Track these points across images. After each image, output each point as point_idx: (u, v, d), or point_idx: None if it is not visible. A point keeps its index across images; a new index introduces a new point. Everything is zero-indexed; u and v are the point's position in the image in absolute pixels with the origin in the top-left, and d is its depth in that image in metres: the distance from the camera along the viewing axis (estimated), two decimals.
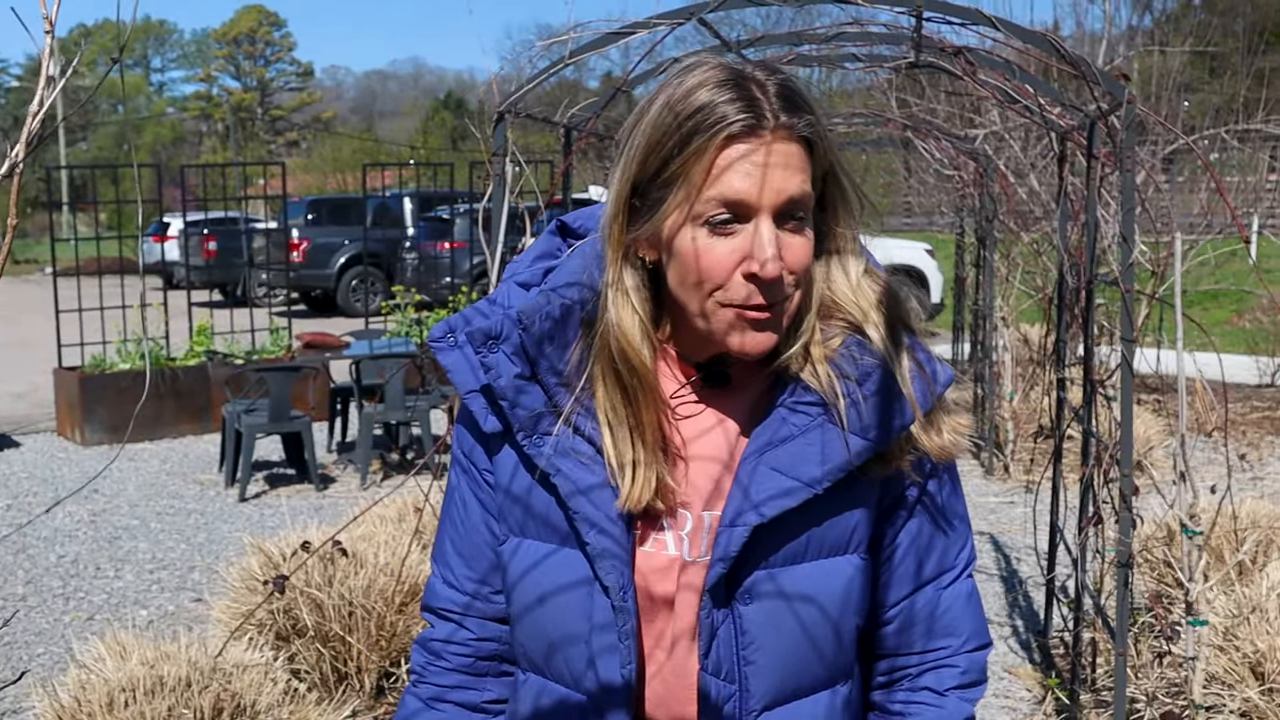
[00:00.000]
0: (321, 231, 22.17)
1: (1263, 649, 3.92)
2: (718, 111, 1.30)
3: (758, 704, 1.41)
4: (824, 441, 1.37)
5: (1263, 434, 10.11)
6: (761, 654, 1.40)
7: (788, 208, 1.32)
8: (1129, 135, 3.55)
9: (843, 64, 4.66)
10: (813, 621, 1.41)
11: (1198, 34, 18.43)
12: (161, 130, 74.85)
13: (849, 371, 1.38)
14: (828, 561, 1.41)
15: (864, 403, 1.38)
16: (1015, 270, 9.17)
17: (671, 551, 1.42)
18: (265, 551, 4.74)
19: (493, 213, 3.93)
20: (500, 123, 3.87)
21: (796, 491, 1.36)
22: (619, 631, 1.40)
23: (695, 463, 1.43)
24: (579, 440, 1.41)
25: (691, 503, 1.42)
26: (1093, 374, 4.40)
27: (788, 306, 1.36)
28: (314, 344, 9.97)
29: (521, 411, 1.41)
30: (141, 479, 9.06)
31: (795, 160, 1.32)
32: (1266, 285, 15.22)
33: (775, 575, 1.39)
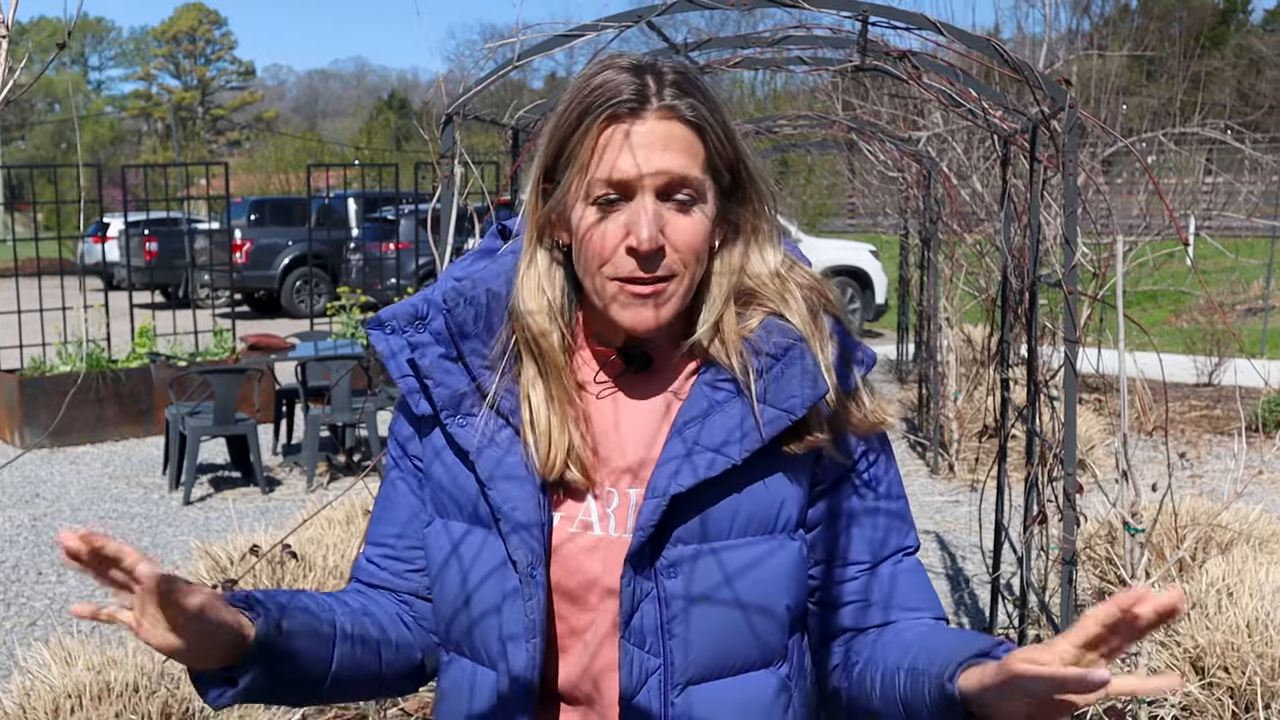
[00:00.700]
0: (265, 232, 22.00)
1: (1203, 644, 3.99)
2: (607, 93, 1.37)
3: (682, 678, 1.42)
4: (741, 415, 1.41)
5: (1200, 432, 10.28)
6: (684, 628, 1.41)
7: (669, 186, 1.38)
8: (1071, 139, 3.60)
9: (789, 67, 4.70)
10: (739, 599, 1.42)
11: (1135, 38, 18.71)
12: (100, 129, 73.90)
13: (764, 348, 1.43)
14: (755, 539, 1.43)
15: (780, 377, 1.42)
16: (959, 271, 9.26)
17: (597, 532, 1.44)
18: (212, 555, 4.70)
19: (441, 214, 3.93)
20: (449, 125, 3.87)
21: (715, 463, 1.40)
22: (525, 607, 1.42)
23: (618, 443, 1.47)
24: (501, 423, 1.45)
25: (618, 481, 1.46)
26: (1036, 374, 4.46)
27: (676, 285, 1.41)
28: (259, 346, 9.89)
29: (444, 390, 1.46)
30: (84, 482, 8.95)
31: (678, 142, 1.38)
32: (1204, 286, 15.46)
33: (700, 551, 1.42)
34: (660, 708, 1.42)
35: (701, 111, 1.39)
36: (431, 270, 4.01)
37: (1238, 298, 18.61)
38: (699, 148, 1.40)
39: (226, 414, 8.39)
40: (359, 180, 22.85)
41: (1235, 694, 3.92)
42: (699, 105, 1.39)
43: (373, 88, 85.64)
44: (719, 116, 1.41)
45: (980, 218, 9.41)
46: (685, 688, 1.43)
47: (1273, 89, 34.36)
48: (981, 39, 3.68)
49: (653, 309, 1.40)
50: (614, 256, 1.38)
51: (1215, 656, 3.94)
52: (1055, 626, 4.04)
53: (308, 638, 1.42)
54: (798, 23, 4.15)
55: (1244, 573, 4.28)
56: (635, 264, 1.38)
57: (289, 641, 1.38)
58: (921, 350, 11.09)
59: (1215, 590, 4.17)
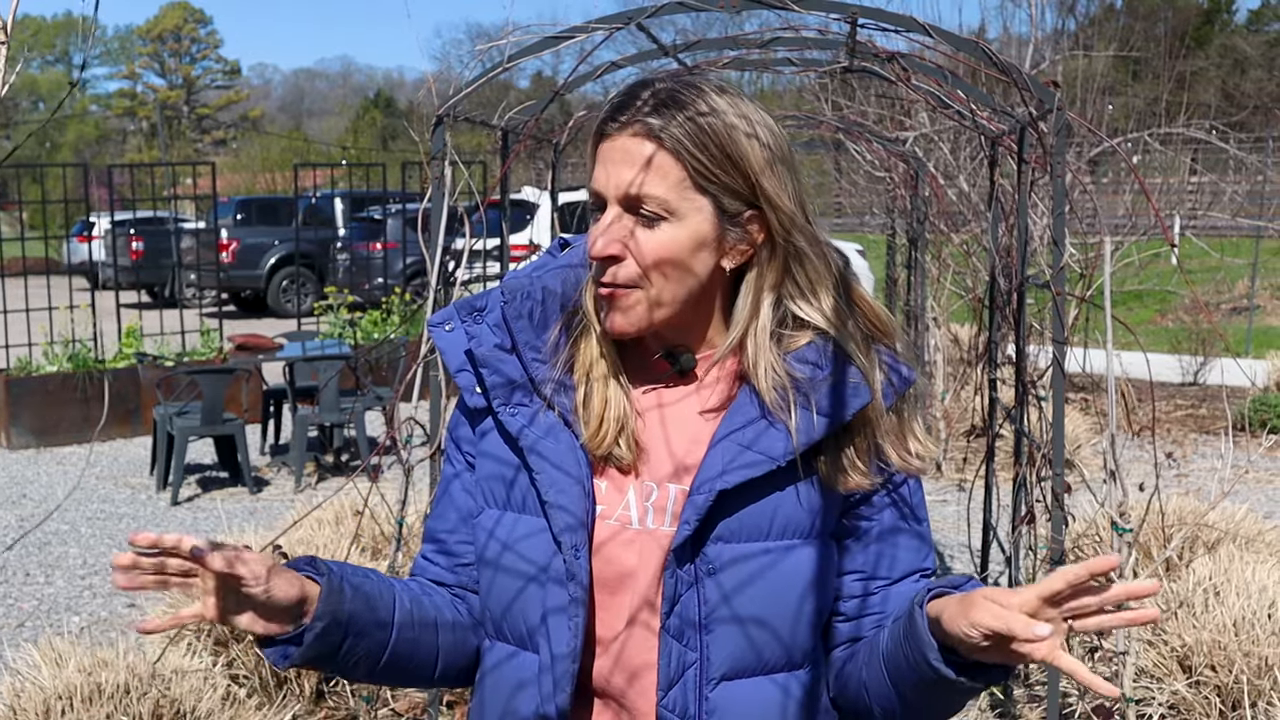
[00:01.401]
0: (251, 232, 21.94)
1: (1190, 643, 4.02)
2: (605, 109, 1.46)
3: (717, 673, 1.47)
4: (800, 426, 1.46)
5: (1186, 431, 10.33)
6: (722, 624, 1.46)
7: (630, 201, 1.44)
8: (1059, 140, 3.62)
9: (777, 68, 4.71)
10: (773, 599, 1.47)
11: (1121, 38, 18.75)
12: (85, 128, 73.61)
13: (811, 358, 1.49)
14: (790, 542, 1.48)
15: (824, 386, 1.47)
16: (946, 271, 9.29)
17: (636, 525, 1.49)
18: None
19: (432, 215, 3.93)
20: (439, 126, 3.87)
21: (760, 464, 1.45)
22: (569, 592, 1.46)
23: (662, 439, 1.52)
24: (550, 413, 1.51)
25: (659, 476, 1.51)
26: (1024, 374, 4.48)
27: (641, 295, 1.46)
28: (246, 346, 9.88)
29: (498, 379, 1.52)
30: (70, 483, 8.93)
31: (641, 159, 1.42)
32: (1190, 285, 15.52)
33: (739, 550, 1.46)
34: (695, 702, 1.47)
35: (674, 131, 1.42)
36: (419, 269, 4.02)
37: (1223, 297, 18.68)
38: (671, 166, 1.42)
39: (214, 414, 8.37)
40: (346, 180, 22.77)
41: (1222, 693, 3.94)
42: (677, 125, 1.42)
43: (359, 87, 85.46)
44: (708, 138, 1.42)
45: (967, 218, 9.45)
46: (720, 683, 1.47)
47: (1257, 89, 34.50)
48: (970, 41, 3.70)
49: (618, 314, 1.47)
50: (593, 263, 1.48)
51: (1202, 655, 3.97)
52: None
53: (369, 603, 1.48)
54: (786, 24, 4.16)
55: (1230, 572, 4.31)
56: (602, 269, 1.46)
57: (352, 604, 1.45)
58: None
59: (1202, 590, 4.19)
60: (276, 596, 1.37)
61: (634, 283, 1.46)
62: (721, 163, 1.43)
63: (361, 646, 1.49)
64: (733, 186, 1.45)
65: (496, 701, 1.55)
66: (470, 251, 4.17)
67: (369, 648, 1.50)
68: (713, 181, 1.44)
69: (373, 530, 5.31)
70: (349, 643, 1.47)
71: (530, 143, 5.23)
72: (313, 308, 13.16)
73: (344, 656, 1.48)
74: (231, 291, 22.57)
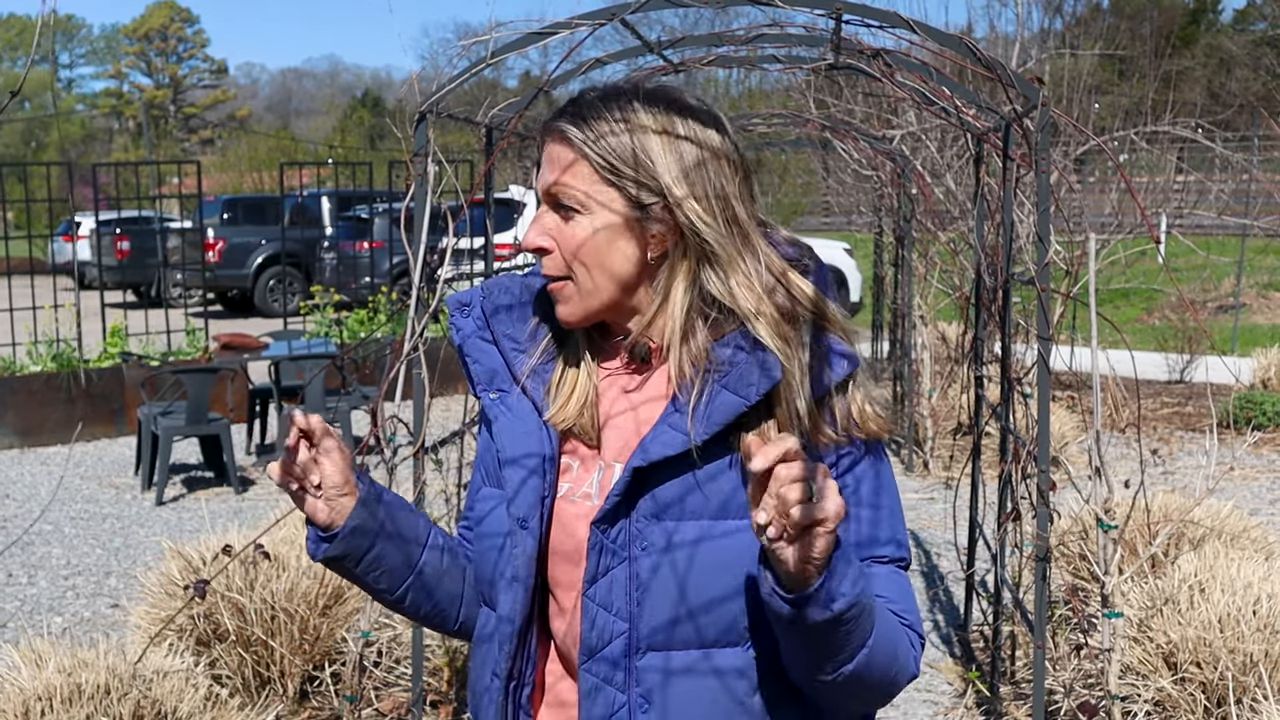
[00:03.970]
0: (238, 231, 21.87)
1: (1175, 640, 4.01)
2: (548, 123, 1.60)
3: (645, 643, 1.53)
4: (709, 402, 1.53)
5: (1172, 429, 10.34)
6: (649, 595, 1.53)
7: (552, 198, 1.58)
8: (1044, 137, 3.61)
9: (763, 65, 4.70)
10: (707, 575, 1.52)
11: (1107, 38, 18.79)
12: (71, 128, 73.33)
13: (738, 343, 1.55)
14: (718, 521, 1.53)
15: (740, 370, 1.53)
16: (933, 269, 9.28)
17: (595, 501, 1.59)
18: (185, 556, 4.67)
19: (415, 213, 3.91)
20: (421, 123, 3.85)
21: (676, 441, 1.52)
22: (517, 555, 1.59)
23: (617, 424, 1.63)
24: (523, 399, 1.64)
25: (611, 457, 1.61)
26: (1010, 372, 4.48)
27: (574, 286, 1.59)
28: (231, 345, 9.84)
29: (480, 367, 1.67)
30: (54, 483, 8.89)
31: (561, 160, 1.56)
32: (1176, 283, 15.55)
33: (668, 528, 1.53)
34: (624, 669, 1.54)
35: (586, 134, 1.55)
36: (406, 268, 4.01)
37: (1209, 295, 18.72)
38: (581, 166, 1.55)
39: (199, 414, 8.34)
40: (333, 179, 22.71)
41: (1208, 689, 3.94)
42: (589, 130, 1.55)
43: (346, 86, 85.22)
44: (615, 140, 1.54)
45: (954, 215, 9.44)
46: (647, 653, 1.53)
47: (1242, 88, 34.58)
48: (954, 37, 3.68)
49: (560, 304, 1.61)
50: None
51: (1188, 652, 3.96)
52: (1029, 623, 4.05)
53: (400, 520, 1.67)
54: (771, 21, 4.15)
55: (1216, 569, 4.30)
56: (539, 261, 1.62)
57: (384, 515, 1.64)
58: (896, 348, 11.11)
59: (1187, 587, 4.18)
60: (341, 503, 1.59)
61: (563, 273, 1.59)
62: (627, 161, 1.53)
63: (388, 558, 1.65)
64: (641, 180, 1.54)
65: (474, 658, 1.70)
66: (457, 249, 4.15)
67: (395, 561, 1.66)
68: (620, 176, 1.54)
69: None
70: (378, 548, 1.63)
71: (515, 140, 5.21)
72: (299, 307, 13.10)
73: (373, 561, 1.64)
74: (218, 291, 22.51)
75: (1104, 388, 9.66)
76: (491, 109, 4.44)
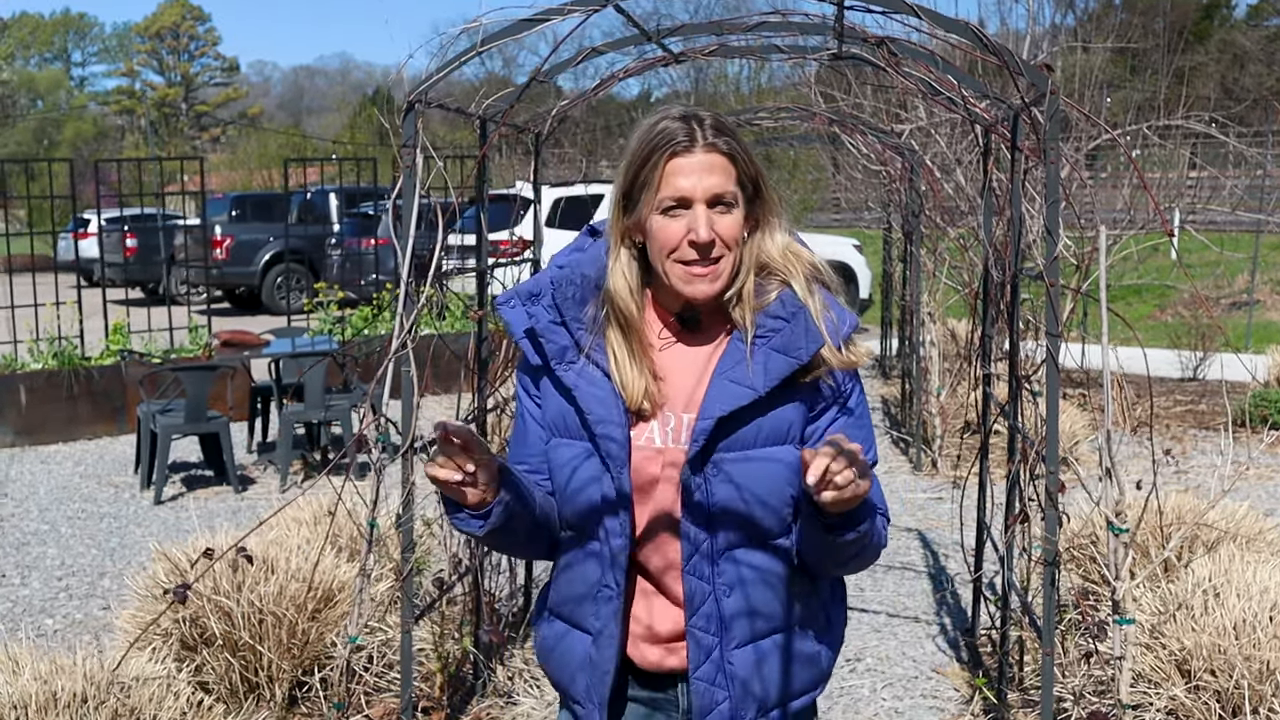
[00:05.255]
0: (245, 228, 21.78)
1: (1189, 646, 3.88)
2: (667, 135, 2.01)
3: (723, 546, 2.05)
4: (764, 361, 2.03)
5: (1185, 427, 10.19)
6: (724, 510, 2.03)
7: (713, 197, 2.01)
8: (1053, 127, 3.48)
9: (766, 55, 4.58)
10: (761, 491, 2.03)
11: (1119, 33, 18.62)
12: (83, 126, 73.40)
13: (778, 314, 2.05)
14: (771, 449, 2.05)
15: (790, 333, 2.04)
16: (942, 266, 9.14)
17: (659, 444, 2.07)
18: (171, 558, 4.56)
19: (404, 208, 3.80)
20: (410, 113, 3.74)
21: (746, 395, 2.02)
22: (618, 493, 2.03)
23: (675, 380, 2.09)
24: (593, 369, 2.07)
25: (674, 408, 2.08)
26: (1018, 370, 4.35)
27: (724, 265, 2.03)
28: (232, 343, 9.72)
29: (554, 346, 2.08)
30: (54, 482, 8.79)
31: (718, 167, 2.01)
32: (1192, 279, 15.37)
33: (735, 456, 2.03)
34: (709, 568, 2.05)
35: (733, 145, 2.03)
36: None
37: (1222, 292, 18.54)
38: (731, 169, 2.03)
39: (198, 412, 8.24)
40: (341, 176, 22.61)
41: (1222, 698, 3.81)
42: (731, 141, 2.03)
43: (358, 84, 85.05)
44: (744, 147, 2.05)
45: (963, 211, 9.30)
46: (725, 553, 2.05)
47: (1256, 83, 34.36)
48: (960, 23, 3.56)
49: (708, 283, 2.02)
50: (680, 247, 2.00)
51: (1202, 660, 3.83)
52: (1038, 629, 3.93)
53: (521, 486, 2.04)
54: (774, 9, 4.04)
55: (1231, 573, 4.17)
56: (695, 252, 2.00)
57: (514, 485, 2.01)
58: (904, 345, 10.97)
59: (1201, 591, 4.05)
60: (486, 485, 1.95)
61: (720, 256, 2.02)
62: (749, 163, 2.05)
63: (520, 519, 2.04)
64: (752, 178, 2.06)
65: (572, 575, 2.13)
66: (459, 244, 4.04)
67: (525, 520, 2.06)
68: (746, 176, 2.05)
69: (350, 530, 5.17)
70: (515, 514, 2.02)
71: (517, 134, 5.09)
72: (304, 304, 12.99)
73: (511, 524, 2.02)
74: (225, 288, 22.42)
75: (1115, 385, 9.52)
76: (494, 102, 4.33)
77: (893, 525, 7.26)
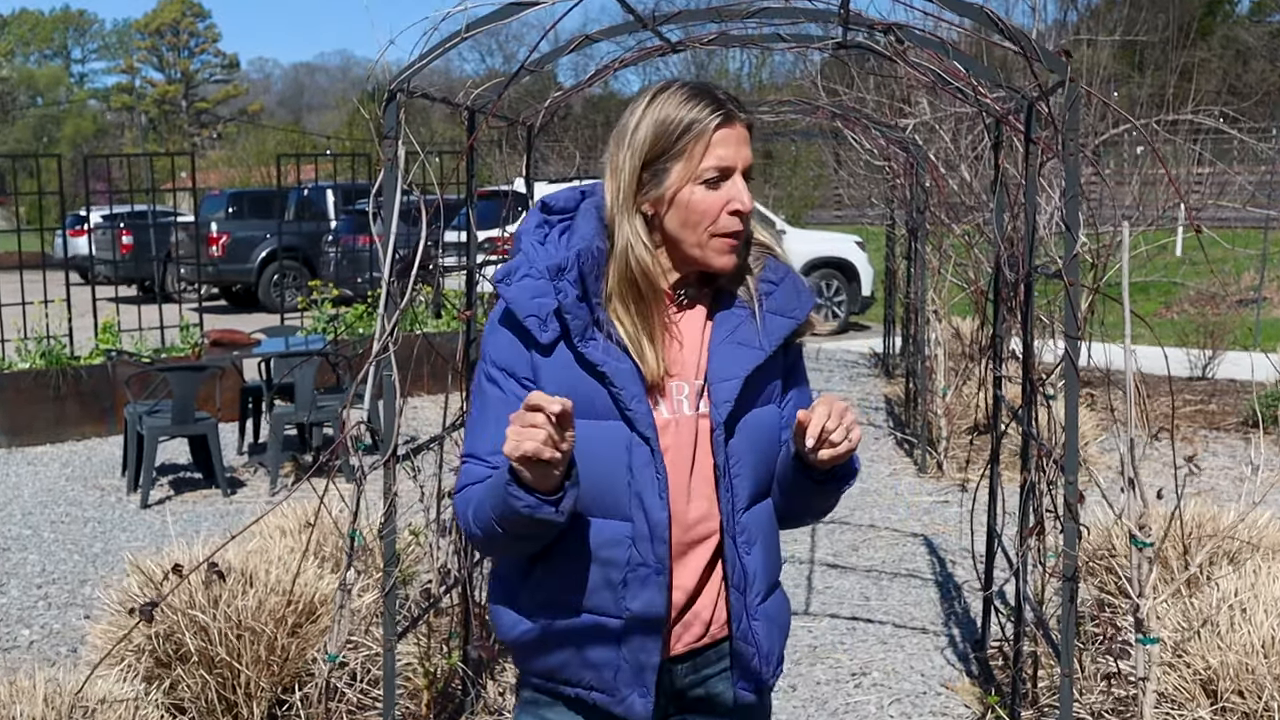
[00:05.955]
0: (242, 225, 21.56)
1: (1214, 665, 3.67)
2: (707, 110, 2.01)
3: (743, 503, 2.09)
4: (765, 323, 2.10)
5: (1195, 428, 9.98)
6: (742, 468, 2.08)
7: (748, 169, 2.07)
8: (1072, 115, 3.28)
9: (768, 44, 4.38)
10: (763, 448, 2.11)
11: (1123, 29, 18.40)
12: (83, 123, 73.19)
13: (771, 278, 2.13)
14: (766, 409, 2.13)
15: (785, 294, 2.12)
16: (947, 263, 8.93)
17: (686, 411, 2.07)
18: (144, 571, 4.36)
19: (385, 203, 3.60)
20: (391, 102, 3.53)
21: (758, 355, 2.08)
22: (655, 467, 2.02)
23: (685, 350, 2.10)
24: (614, 347, 2.03)
25: (686, 376, 2.08)
26: (1032, 373, 4.14)
27: (745, 234, 2.09)
28: (221, 342, 9.51)
29: (578, 322, 2.01)
30: (39, 484, 8.59)
31: (747, 140, 2.06)
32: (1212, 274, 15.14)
33: (749, 416, 2.09)
34: (733, 524, 2.08)
35: (751, 122, 2.08)
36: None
37: (1229, 289, 18.31)
38: (749, 144, 2.08)
39: (186, 413, 8.03)
40: (343, 172, 22.39)
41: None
42: (748, 118, 2.07)
43: (358, 80, 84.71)
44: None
45: (969, 206, 9.08)
46: (746, 510, 2.10)
47: (1259, 79, 34.12)
48: (974, 6, 3.35)
49: (735, 255, 2.07)
50: (720, 218, 2.02)
51: (1229, 680, 3.62)
52: (1054, 646, 3.72)
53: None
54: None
55: (1258, 586, 3.95)
56: (735, 222, 2.04)
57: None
58: (908, 344, 10.76)
59: (1228, 607, 3.84)
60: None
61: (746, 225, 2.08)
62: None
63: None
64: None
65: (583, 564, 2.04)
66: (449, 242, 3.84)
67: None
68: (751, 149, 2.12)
69: (335, 540, 4.97)
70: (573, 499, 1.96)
71: (503, 126, 4.90)
72: (298, 302, 12.78)
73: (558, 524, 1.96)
74: (222, 286, 22.20)
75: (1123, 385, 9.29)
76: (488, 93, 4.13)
77: (898, 531, 7.07)
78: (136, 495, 8.09)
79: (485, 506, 1.98)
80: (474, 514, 2.02)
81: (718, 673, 2.16)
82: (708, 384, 2.06)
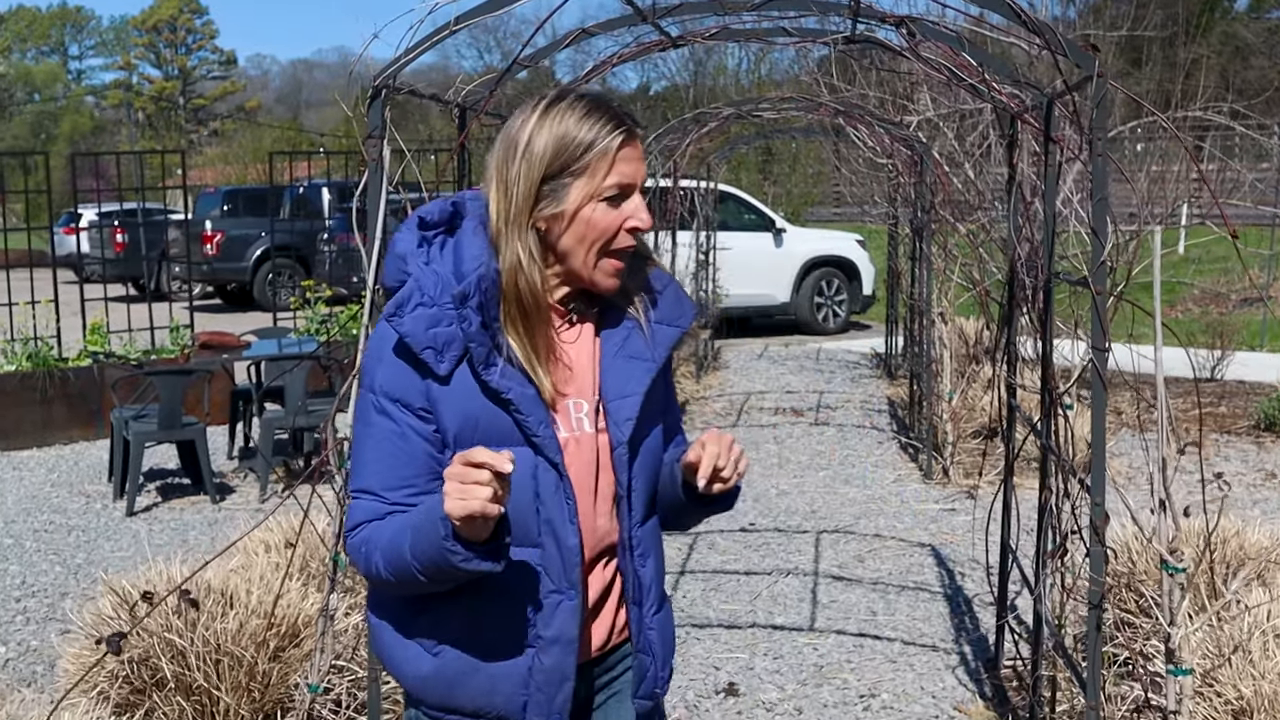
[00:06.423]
0: (237, 223, 21.34)
1: (1247, 694, 3.48)
2: (610, 126, 1.97)
3: (639, 518, 2.10)
4: (650, 333, 2.09)
5: (1206, 431, 9.78)
6: (639, 484, 2.08)
7: (641, 187, 2.02)
8: (1100, 113, 3.08)
9: (771, 39, 4.18)
10: (654, 466, 2.13)
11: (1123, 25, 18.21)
12: (80, 120, 72.92)
13: (654, 288, 2.12)
14: (657, 422, 2.14)
15: (670, 303, 2.12)
16: (952, 263, 8.73)
17: (588, 429, 2.05)
18: (119, 591, 4.16)
19: (369, 203, 3.40)
20: (376, 99, 3.33)
21: (650, 367, 2.08)
22: (564, 493, 1.99)
23: (576, 367, 2.06)
24: (511, 368, 1.97)
25: (581, 394, 2.05)
26: (1051, 383, 3.94)
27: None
28: (210, 344, 9.31)
29: (481, 349, 1.95)
30: (24, 490, 8.39)
31: (644, 156, 2.02)
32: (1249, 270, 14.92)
33: (648, 440, 2.10)
34: (633, 538, 2.08)
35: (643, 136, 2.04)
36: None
37: (1233, 288, 18.11)
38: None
39: (172, 418, 7.82)
40: (340, 169, 22.17)
41: None
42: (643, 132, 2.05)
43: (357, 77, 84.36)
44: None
45: (974, 205, 8.88)
46: (640, 525, 2.10)
47: (1259, 76, 33.91)
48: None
49: (625, 274, 2.03)
50: (618, 236, 1.99)
51: (1263, 711, 3.43)
52: (1076, 673, 3.53)
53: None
54: None
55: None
56: (631, 240, 2.01)
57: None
58: (911, 345, 10.56)
59: (1260, 633, 3.64)
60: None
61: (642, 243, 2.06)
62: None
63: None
64: None
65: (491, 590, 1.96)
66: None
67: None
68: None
69: (321, 555, 4.77)
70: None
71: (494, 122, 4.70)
72: (291, 302, 12.57)
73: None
74: (217, 285, 21.98)
75: (1133, 387, 9.07)
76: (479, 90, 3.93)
77: (905, 540, 6.87)
78: (122, 502, 7.88)
79: (402, 552, 1.89)
80: (384, 558, 1.93)
81: (621, 674, 2.18)
82: (603, 400, 2.04)
